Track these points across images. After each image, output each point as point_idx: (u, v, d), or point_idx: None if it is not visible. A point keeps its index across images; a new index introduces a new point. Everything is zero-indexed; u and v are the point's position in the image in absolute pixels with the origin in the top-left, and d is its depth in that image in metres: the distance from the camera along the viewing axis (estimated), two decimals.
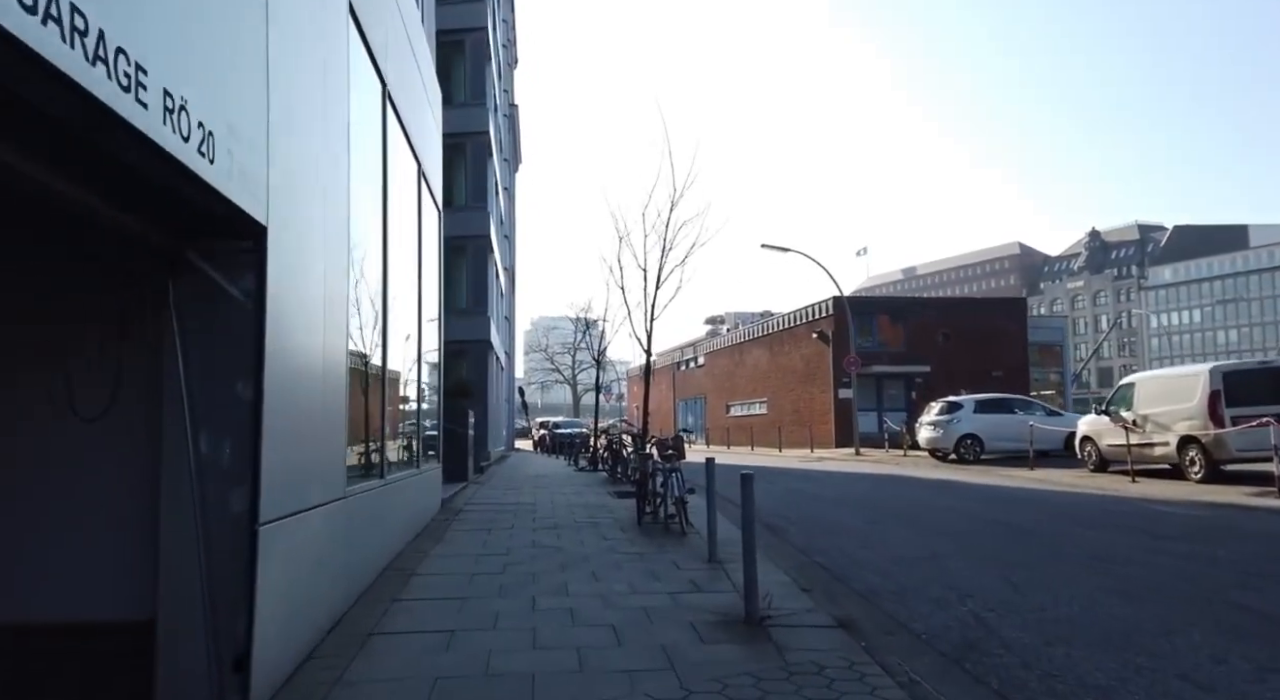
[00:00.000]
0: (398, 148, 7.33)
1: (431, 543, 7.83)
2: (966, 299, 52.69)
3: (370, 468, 6.33)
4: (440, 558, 7.05)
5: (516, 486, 14.59)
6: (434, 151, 10.21)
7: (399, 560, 6.85)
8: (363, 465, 6.19)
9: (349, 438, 5.69)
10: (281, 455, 3.78)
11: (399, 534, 7.20)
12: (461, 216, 22.59)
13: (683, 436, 9.55)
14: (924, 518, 9.76)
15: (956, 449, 18.23)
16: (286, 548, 3.89)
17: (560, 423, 35.79)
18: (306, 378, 4.27)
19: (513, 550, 7.43)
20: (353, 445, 5.90)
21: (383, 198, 6.56)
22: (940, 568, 6.68)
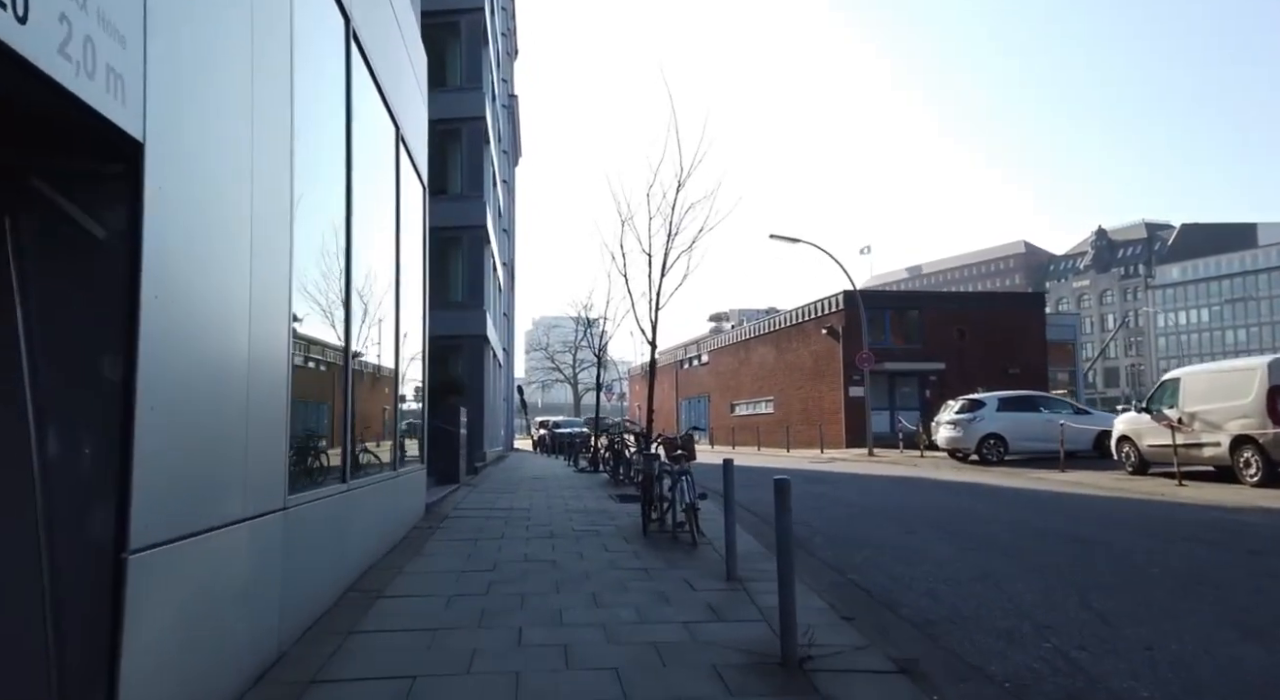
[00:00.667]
0: (366, 97, 6.34)
1: (408, 556, 6.85)
2: (983, 293, 51.46)
3: (328, 471, 5.34)
4: (415, 575, 6.06)
5: (511, 489, 13.61)
6: (417, 120, 9.22)
7: (366, 579, 5.87)
8: (319, 469, 5.21)
9: (300, 436, 4.72)
10: (173, 457, 2.80)
11: (367, 547, 6.21)
12: (456, 206, 21.66)
13: (693, 435, 8.58)
14: (963, 527, 8.77)
15: (979, 449, 17.22)
16: (180, 581, 2.91)
17: (560, 422, 34.85)
18: (220, 356, 3.28)
19: (501, 565, 6.45)
20: (305, 445, 4.93)
21: (346, 153, 5.58)
22: (1000, 590, 5.69)
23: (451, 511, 10.10)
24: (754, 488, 13.00)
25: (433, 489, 12.45)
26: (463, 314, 21.34)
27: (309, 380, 5.06)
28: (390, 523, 7.27)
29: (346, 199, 5.61)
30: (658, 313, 12.49)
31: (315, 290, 4.91)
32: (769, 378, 33.91)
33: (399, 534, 7.67)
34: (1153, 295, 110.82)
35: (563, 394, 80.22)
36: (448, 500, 11.44)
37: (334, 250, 5.38)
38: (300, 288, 4.44)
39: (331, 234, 5.30)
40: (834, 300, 28.12)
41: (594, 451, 19.27)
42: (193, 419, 3.00)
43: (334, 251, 5.38)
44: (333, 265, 5.34)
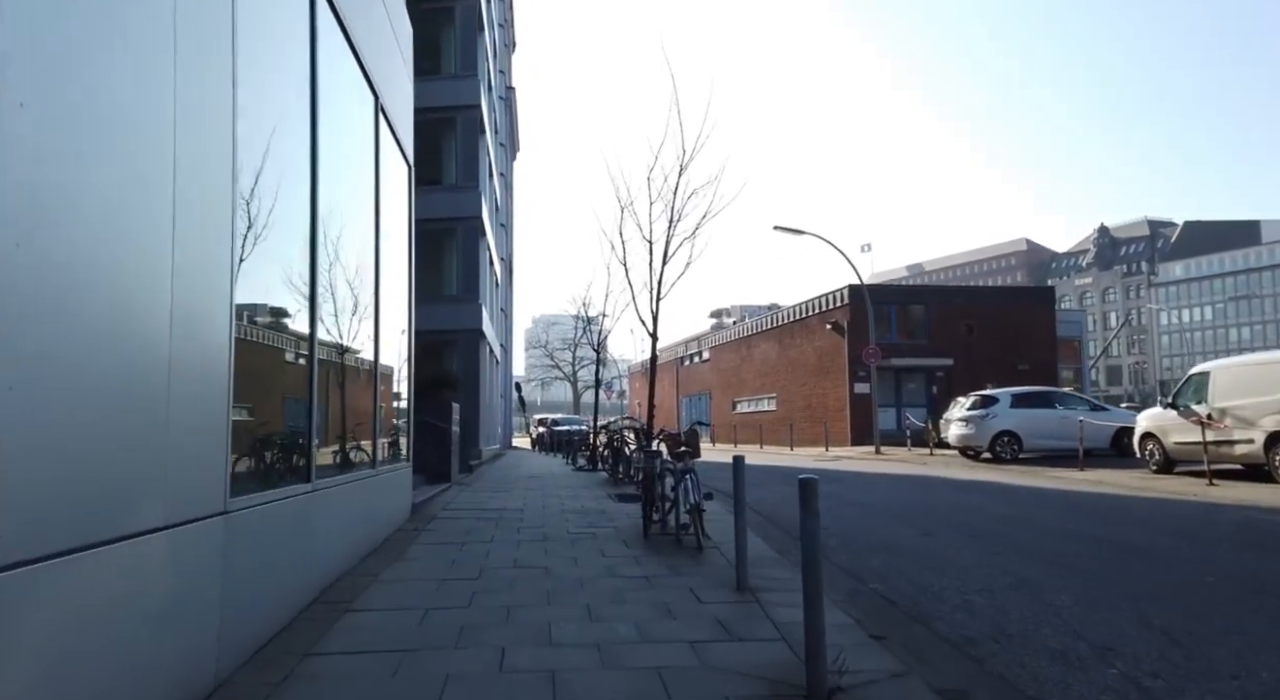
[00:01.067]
0: (338, 57, 5.73)
1: (386, 562, 6.25)
2: (991, 288, 50.81)
3: (290, 470, 4.75)
4: (391, 584, 5.47)
5: (506, 488, 13.02)
6: (400, 93, 8.61)
7: (335, 588, 5.28)
8: (277, 467, 4.62)
9: (251, 432, 4.13)
10: (45, 455, 2.21)
11: (339, 553, 5.62)
12: (451, 197, 21.07)
13: (698, 431, 7.99)
14: (987, 529, 8.17)
15: (992, 447, 16.61)
16: (63, 605, 2.32)
17: (559, 419, 34.29)
18: (124, 331, 2.69)
19: (487, 572, 5.86)
20: (259, 442, 4.34)
21: (311, 109, 4.98)
22: (1042, 601, 5.10)
23: (440, 512, 9.50)
24: (758, 487, 12.40)
25: (422, 488, 11.87)
26: (457, 308, 20.75)
27: (264, 369, 4.46)
28: (369, 525, 6.67)
29: (311, 163, 5.01)
30: (659, 303, 11.89)
31: (270, 264, 4.31)
32: (771, 374, 33.31)
33: (379, 536, 7.08)
34: (1155, 293, 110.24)
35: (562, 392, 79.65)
36: (437, 500, 10.85)
37: (294, 220, 4.78)
38: (251, 260, 3.85)
39: (293, 202, 4.70)
40: (839, 295, 27.50)
41: (593, 449, 18.69)
42: (79, 405, 2.40)
43: (294, 222, 4.79)
44: (292, 236, 4.74)
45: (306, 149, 4.95)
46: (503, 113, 34.15)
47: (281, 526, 4.37)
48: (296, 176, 4.80)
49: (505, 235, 35.60)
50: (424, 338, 21.50)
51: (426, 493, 11.19)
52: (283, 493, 4.42)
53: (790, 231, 21.82)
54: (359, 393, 6.85)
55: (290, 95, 4.76)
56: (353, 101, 6.47)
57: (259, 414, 4.33)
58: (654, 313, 11.93)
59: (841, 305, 27.34)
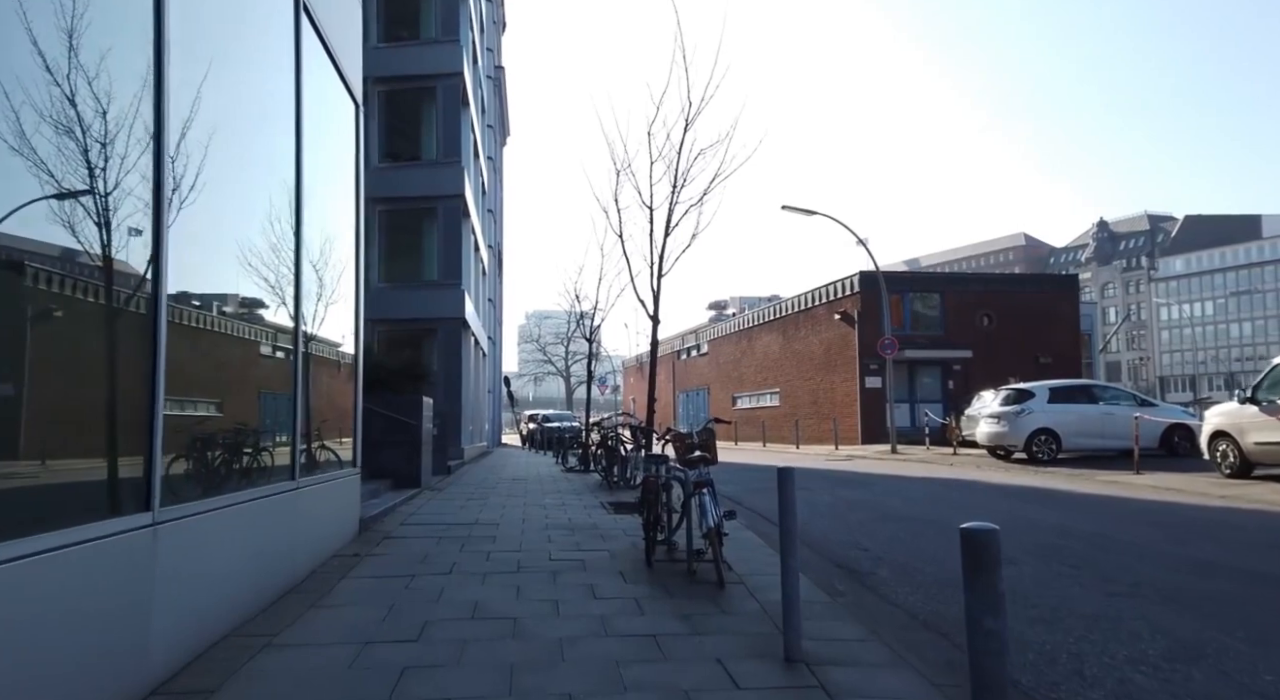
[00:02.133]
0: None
1: (297, 610, 4.57)
2: (1011, 275, 48.88)
3: (99, 495, 3.06)
4: (283, 655, 3.78)
5: (484, 494, 11.33)
6: (341, 9, 6.88)
7: (204, 660, 3.60)
8: (71, 492, 2.93)
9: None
10: None
11: (213, 608, 3.92)
12: (430, 173, 19.35)
13: (714, 430, 6.32)
14: (1081, 555, 6.52)
15: (1028, 447, 14.96)
16: None
17: (550, 416, 32.57)
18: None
19: (432, 630, 4.19)
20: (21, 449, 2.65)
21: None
22: (1240, 684, 3.44)
23: (397, 528, 7.81)
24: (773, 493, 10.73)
25: (385, 495, 10.18)
26: (437, 294, 19.03)
27: (51, 333, 2.77)
28: (282, 558, 4.98)
29: (156, 55, 3.31)
30: (660, 281, 10.22)
31: (104, 177, 2.61)
32: (774, 368, 31.63)
33: (302, 569, 5.39)
34: (1155, 288, 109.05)
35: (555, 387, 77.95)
36: (399, 511, 9.16)
37: (124, 107, 3.08)
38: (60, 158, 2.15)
39: (124, 102, 2.99)
40: (848, 282, 25.81)
41: (585, 448, 17.02)
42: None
43: (139, 116, 3.09)
44: (121, 127, 3.04)
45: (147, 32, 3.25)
46: (491, 93, 32.38)
47: (74, 588, 2.69)
48: (127, 71, 3.09)
49: (494, 223, 33.83)
50: (400, 326, 19.87)
51: (388, 501, 9.50)
52: (79, 534, 2.73)
53: (800, 211, 20.14)
54: (268, 379, 5.15)
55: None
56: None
57: (37, 406, 2.64)
58: (655, 291, 10.28)
59: (851, 294, 25.64)
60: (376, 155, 19.39)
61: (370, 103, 19.36)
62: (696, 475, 5.58)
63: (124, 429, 3.21)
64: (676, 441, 6.36)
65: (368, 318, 19.08)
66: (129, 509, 3.15)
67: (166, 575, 3.36)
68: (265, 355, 5.13)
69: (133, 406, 3.24)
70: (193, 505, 3.70)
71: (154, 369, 3.32)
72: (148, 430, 3.28)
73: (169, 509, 3.40)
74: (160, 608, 3.29)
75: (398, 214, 19.60)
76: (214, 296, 4.21)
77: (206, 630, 3.80)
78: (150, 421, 3.29)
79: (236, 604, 4.19)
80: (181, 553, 3.51)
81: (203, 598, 3.77)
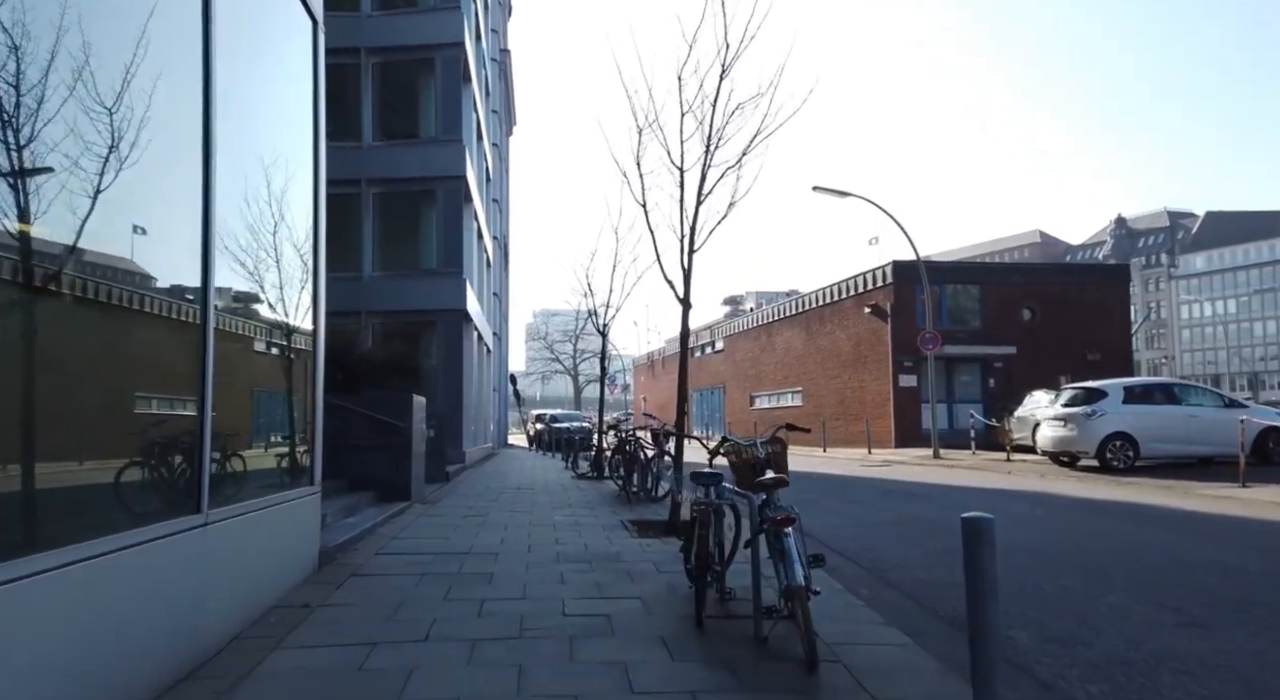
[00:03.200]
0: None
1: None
2: (1057, 265, 46.76)
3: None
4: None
5: (484, 508, 9.72)
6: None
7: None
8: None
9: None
10: None
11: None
12: (427, 152, 17.77)
13: (784, 440, 4.71)
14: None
15: (1100, 453, 13.24)
16: None
17: (559, 415, 31.02)
18: None
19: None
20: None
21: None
22: None
23: (370, 560, 6.21)
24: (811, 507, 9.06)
25: (365, 511, 8.60)
26: (436, 283, 17.45)
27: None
28: (165, 633, 3.37)
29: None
30: (692, 257, 8.56)
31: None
32: (796, 365, 29.89)
33: (212, 640, 3.78)
34: (1176, 286, 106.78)
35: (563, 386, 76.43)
36: (377, 533, 7.55)
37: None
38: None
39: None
40: (880, 273, 24.05)
41: (598, 452, 15.42)
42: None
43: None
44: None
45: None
46: (495, 76, 30.79)
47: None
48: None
49: (499, 214, 32.25)
50: (396, 318, 18.24)
51: (367, 520, 7.91)
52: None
53: (833, 193, 18.47)
54: (150, 369, 3.54)
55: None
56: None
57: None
58: (685, 269, 8.62)
59: (883, 285, 23.87)
60: (370, 133, 17.84)
61: (363, 75, 17.81)
62: (776, 508, 3.95)
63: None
64: (735, 456, 4.73)
65: (360, 308, 17.65)
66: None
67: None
68: (146, 334, 3.52)
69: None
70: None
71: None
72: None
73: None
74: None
75: (393, 197, 18.04)
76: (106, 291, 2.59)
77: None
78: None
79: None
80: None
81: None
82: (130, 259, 3.27)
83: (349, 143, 17.66)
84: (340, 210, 17.76)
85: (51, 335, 2.76)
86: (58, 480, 2.84)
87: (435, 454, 13.20)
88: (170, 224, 3.62)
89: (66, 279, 2.80)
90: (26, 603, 2.40)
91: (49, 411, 2.74)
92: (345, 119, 17.78)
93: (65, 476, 2.92)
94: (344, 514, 8.01)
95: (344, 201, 17.48)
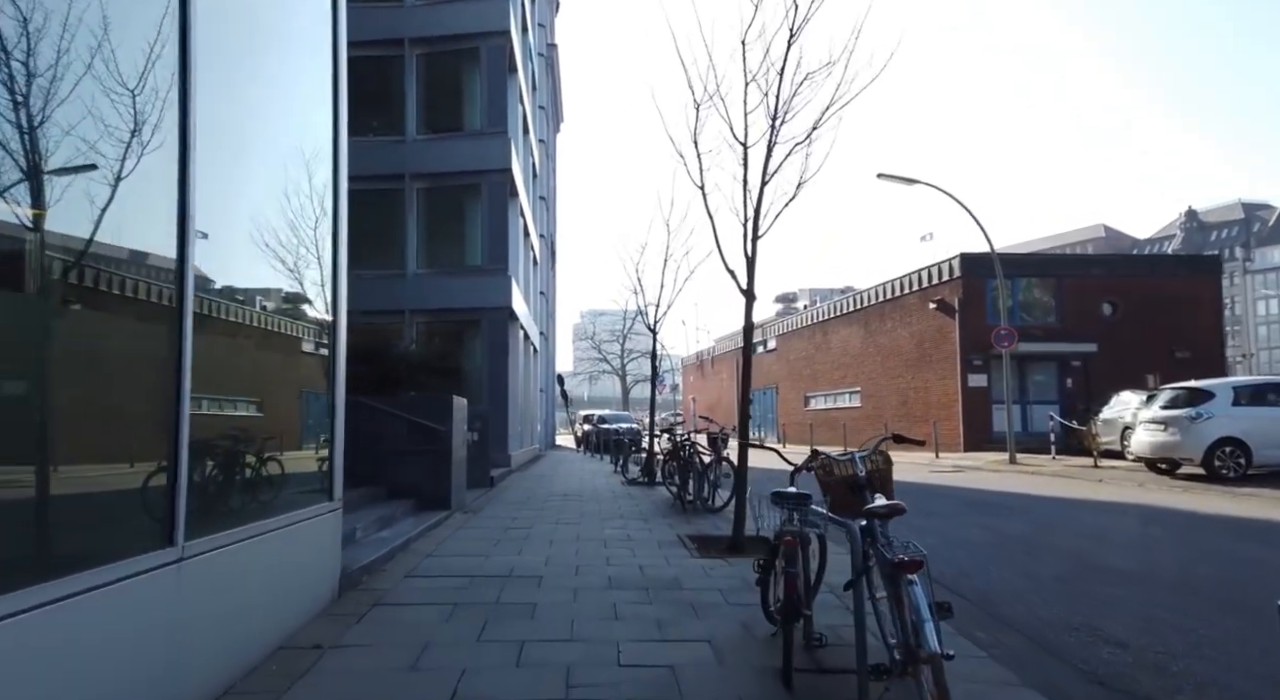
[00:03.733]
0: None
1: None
2: (1140, 256, 44.39)
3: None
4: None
5: (529, 519, 8.99)
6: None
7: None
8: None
9: None
10: None
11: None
12: (472, 145, 17.20)
13: (889, 455, 3.80)
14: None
15: (1208, 460, 11.93)
16: None
17: (607, 416, 30.34)
18: None
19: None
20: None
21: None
22: None
23: (400, 583, 5.50)
24: (916, 525, 8.04)
25: (401, 523, 7.94)
26: (481, 281, 16.87)
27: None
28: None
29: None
30: (756, 243, 7.70)
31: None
32: (854, 365, 28.63)
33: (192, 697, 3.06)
34: (1251, 281, 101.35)
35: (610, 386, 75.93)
36: (412, 549, 6.86)
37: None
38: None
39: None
40: (946, 266, 22.69)
41: (649, 457, 14.61)
42: None
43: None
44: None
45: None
46: (542, 71, 30.26)
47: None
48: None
49: (546, 212, 31.73)
50: (440, 317, 17.71)
51: (403, 533, 7.24)
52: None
53: (899, 180, 17.35)
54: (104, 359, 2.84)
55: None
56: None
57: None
58: (749, 257, 7.77)
59: (951, 279, 22.50)
60: (414, 126, 17.37)
61: (407, 67, 17.34)
62: (891, 543, 3.07)
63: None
64: (826, 472, 3.85)
65: (404, 307, 17.18)
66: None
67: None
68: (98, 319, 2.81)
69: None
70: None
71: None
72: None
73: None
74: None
75: (438, 192, 17.53)
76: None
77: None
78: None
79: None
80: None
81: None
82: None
83: (392, 137, 17.22)
84: (383, 206, 17.39)
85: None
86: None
87: (479, 458, 12.57)
88: (138, 189, 2.92)
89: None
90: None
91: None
92: (389, 113, 17.35)
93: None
94: (378, 526, 7.36)
95: (387, 197, 17.05)
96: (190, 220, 3.10)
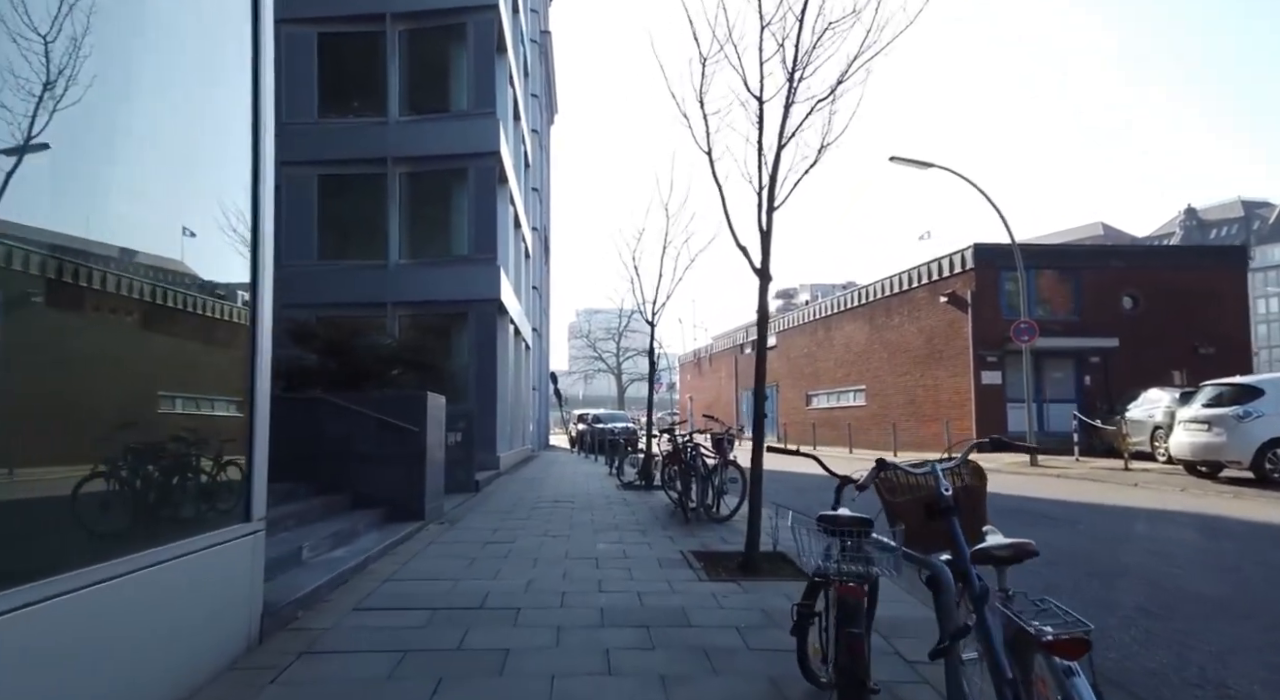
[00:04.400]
0: None
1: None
2: (1161, 247, 43.37)
3: None
4: None
5: (512, 531, 7.95)
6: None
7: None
8: None
9: None
10: None
11: None
12: (458, 126, 16.16)
13: (981, 468, 2.82)
14: None
15: (1258, 463, 10.94)
16: None
17: (602, 416, 29.29)
18: None
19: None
20: None
21: None
22: None
23: (344, 619, 4.46)
24: None
25: (363, 538, 6.91)
26: (468, 271, 15.82)
27: None
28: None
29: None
30: (771, 214, 6.69)
31: None
32: (859, 362, 27.61)
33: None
34: (1252, 279, 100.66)
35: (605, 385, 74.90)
36: (368, 572, 5.82)
37: None
38: None
39: None
40: (958, 258, 21.68)
41: (646, 459, 13.60)
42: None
43: None
44: None
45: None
46: (535, 58, 29.20)
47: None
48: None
49: (539, 204, 30.64)
50: (423, 310, 16.59)
51: (362, 550, 6.21)
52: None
53: (913, 164, 16.35)
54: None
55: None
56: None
57: None
58: (764, 230, 6.77)
59: (963, 271, 21.48)
60: (397, 107, 16.30)
61: (389, 44, 16.27)
62: (1027, 607, 2.06)
63: None
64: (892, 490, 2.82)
65: (386, 300, 16.11)
66: None
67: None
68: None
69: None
70: None
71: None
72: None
73: None
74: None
75: (422, 177, 16.47)
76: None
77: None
78: None
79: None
80: None
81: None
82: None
83: (374, 118, 16.18)
84: (364, 192, 16.31)
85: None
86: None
87: (462, 461, 11.54)
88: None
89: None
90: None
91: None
92: (371, 93, 16.30)
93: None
94: (332, 544, 6.32)
95: (368, 182, 15.99)
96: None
